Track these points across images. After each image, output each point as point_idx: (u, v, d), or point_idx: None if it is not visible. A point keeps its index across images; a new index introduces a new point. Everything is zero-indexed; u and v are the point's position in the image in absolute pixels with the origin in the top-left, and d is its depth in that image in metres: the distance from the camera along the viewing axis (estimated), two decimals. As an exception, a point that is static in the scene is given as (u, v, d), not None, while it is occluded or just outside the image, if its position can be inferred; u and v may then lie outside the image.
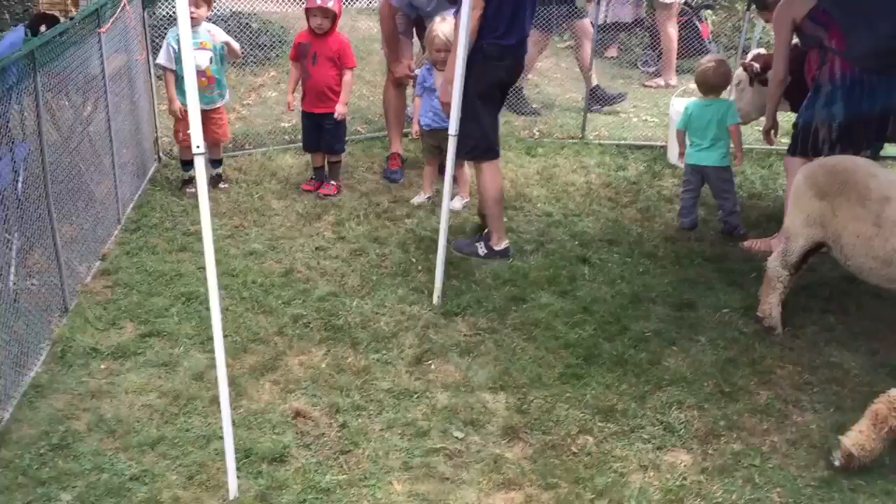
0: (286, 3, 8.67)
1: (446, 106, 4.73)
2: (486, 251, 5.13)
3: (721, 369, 4.13)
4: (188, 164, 5.75)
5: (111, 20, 5.01)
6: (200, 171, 2.81)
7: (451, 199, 5.79)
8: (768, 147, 7.03)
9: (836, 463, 3.44)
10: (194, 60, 5.57)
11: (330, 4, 5.64)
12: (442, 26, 5.50)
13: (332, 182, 6.00)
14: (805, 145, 4.97)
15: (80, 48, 4.55)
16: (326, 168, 6.05)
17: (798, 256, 4.31)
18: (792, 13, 4.95)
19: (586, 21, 8.18)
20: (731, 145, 5.62)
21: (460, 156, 4.77)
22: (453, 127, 4.39)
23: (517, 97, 7.90)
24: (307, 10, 5.72)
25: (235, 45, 5.84)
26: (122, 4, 5.26)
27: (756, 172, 6.85)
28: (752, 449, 3.58)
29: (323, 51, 5.70)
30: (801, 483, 3.40)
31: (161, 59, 5.66)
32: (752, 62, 5.90)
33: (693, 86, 7.33)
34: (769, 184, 6.62)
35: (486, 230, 5.22)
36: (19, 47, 3.77)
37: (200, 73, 5.59)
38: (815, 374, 4.14)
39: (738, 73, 6.08)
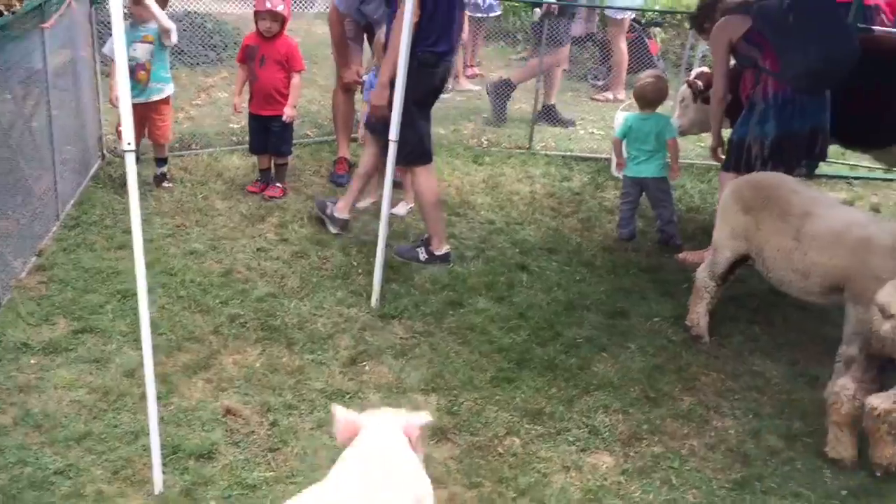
0: (241, 4, 8.69)
1: (375, 108, 4.85)
2: (426, 256, 5.21)
3: (648, 375, 4.25)
4: None
5: (55, 16, 4.99)
6: (131, 168, 2.83)
7: (396, 205, 5.90)
8: (708, 163, 7.24)
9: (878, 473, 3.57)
10: (135, 52, 5.56)
11: (279, 8, 5.68)
12: None
13: (278, 185, 6.02)
14: (738, 161, 5.13)
15: (22, 42, 4.52)
16: (273, 170, 6.08)
17: (724, 268, 4.46)
18: (728, 34, 5.12)
19: (567, 48, 8.37)
20: (668, 158, 5.78)
21: (398, 162, 4.84)
22: (394, 132, 4.46)
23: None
24: (256, 14, 5.75)
25: (166, 23, 5.67)
26: (67, 1, 5.23)
27: (695, 187, 7.03)
28: (671, 452, 3.70)
29: (270, 53, 5.74)
30: (716, 485, 3.52)
31: (106, 48, 5.67)
32: (696, 80, 6.09)
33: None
34: (707, 198, 6.80)
35: (426, 235, 5.30)
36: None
37: (140, 66, 5.59)
38: (737, 381, 4.28)
39: (682, 90, 6.26)
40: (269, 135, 5.94)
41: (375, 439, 2.43)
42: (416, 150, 5.04)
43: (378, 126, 5.04)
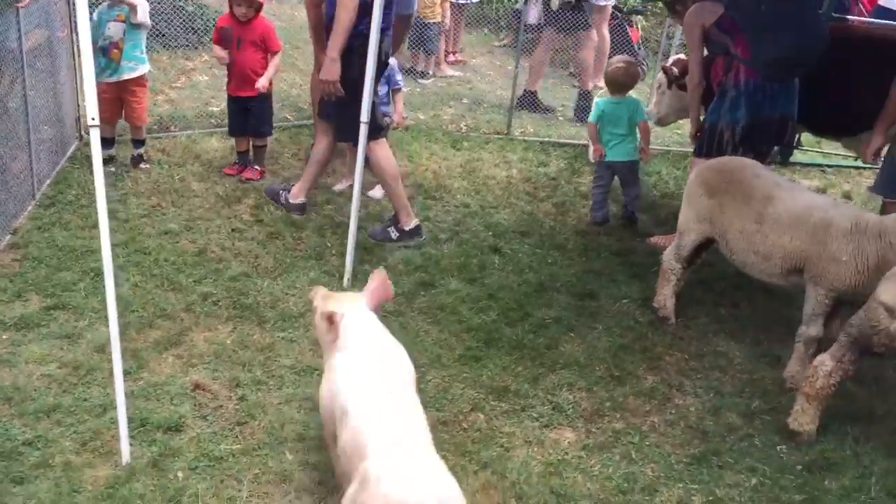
0: (221, -12, 8.65)
1: (325, 84, 4.91)
2: (398, 234, 5.29)
3: (614, 355, 4.33)
4: (107, 142, 5.80)
5: (31, -5, 5.00)
6: (95, 143, 2.87)
7: (372, 188, 5.96)
8: (685, 149, 7.32)
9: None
10: (109, 31, 5.59)
11: None
12: None
13: (257, 167, 6.06)
14: (710, 147, 5.20)
15: (-5, 21, 4.54)
16: (251, 153, 6.11)
17: (690, 251, 4.54)
18: (701, 20, 5.18)
19: (593, 32, 8.50)
20: (640, 141, 5.86)
21: (348, 139, 4.94)
22: (365, 114, 4.51)
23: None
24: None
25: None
26: (43, -21, 5.25)
27: (671, 173, 7.12)
28: (632, 428, 3.79)
29: (247, 35, 5.76)
30: (674, 459, 3.61)
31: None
32: (672, 66, 6.15)
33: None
34: (682, 184, 6.82)
35: (393, 213, 5.35)
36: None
37: (114, 44, 5.62)
38: (700, 361, 4.37)
39: (659, 76, 6.33)
40: (248, 116, 5.97)
41: (361, 328, 3.13)
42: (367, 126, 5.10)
43: (330, 111, 5.12)
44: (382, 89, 5.81)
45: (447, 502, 2.50)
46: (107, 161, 5.85)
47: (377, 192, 5.98)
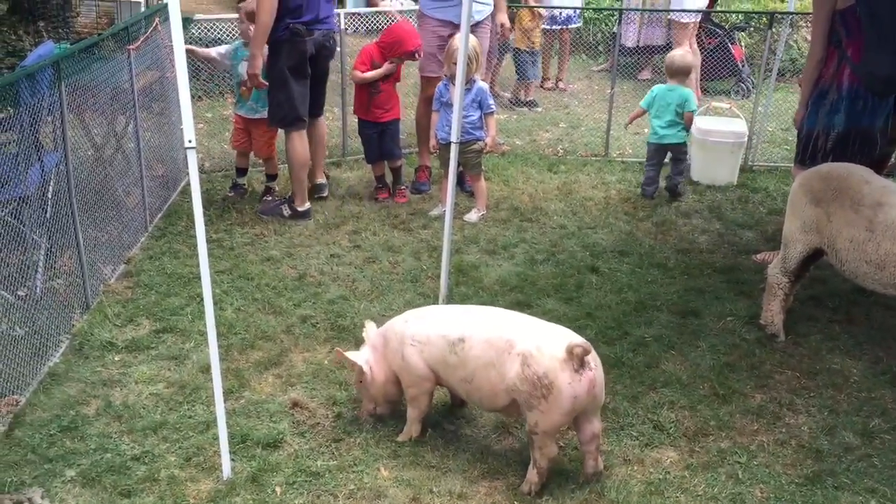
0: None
1: (251, 77, 5.39)
2: (290, 212, 5.71)
3: (718, 373, 4.16)
4: (241, 171, 6.31)
5: (142, 38, 5.31)
6: (192, 165, 2.98)
7: (468, 212, 5.99)
8: (790, 165, 7.03)
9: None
10: (241, 68, 6.07)
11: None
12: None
13: (403, 188, 6.37)
14: (804, 153, 5.01)
15: (109, 63, 4.83)
16: (391, 175, 6.40)
17: (797, 263, 4.33)
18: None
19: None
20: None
21: (272, 124, 5.65)
22: (455, 134, 4.53)
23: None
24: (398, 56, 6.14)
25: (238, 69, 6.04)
26: (154, 24, 5.56)
27: (778, 189, 6.85)
28: (739, 447, 3.61)
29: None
30: (785, 480, 3.41)
31: (213, 51, 6.12)
32: None
33: (717, 103, 7.43)
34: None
35: (290, 193, 5.76)
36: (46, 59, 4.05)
37: (243, 82, 5.93)
38: (813, 379, 4.14)
39: None
40: (383, 139, 6.26)
41: None
42: (289, 115, 5.56)
43: (274, 120, 5.71)
44: (475, 113, 5.86)
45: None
46: (233, 186, 6.26)
47: (472, 215, 6.00)
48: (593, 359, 3.20)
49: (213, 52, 6.16)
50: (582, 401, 3.14)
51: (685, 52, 6.64)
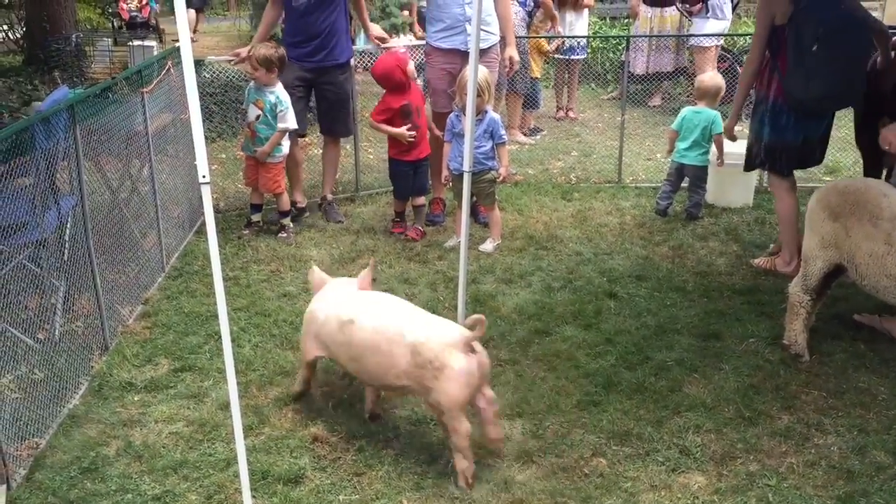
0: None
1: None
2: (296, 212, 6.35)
3: (743, 395, 4.09)
4: (255, 207, 6.34)
5: (156, 81, 5.37)
6: (207, 199, 2.99)
7: (483, 242, 5.98)
8: (810, 185, 7.00)
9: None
10: (248, 110, 6.16)
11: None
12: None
13: (419, 227, 6.32)
14: (745, 162, 5.44)
15: (122, 106, 4.88)
16: (414, 212, 6.41)
17: (818, 280, 4.28)
18: (774, 9, 4.94)
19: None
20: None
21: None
22: (467, 163, 4.53)
23: None
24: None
25: (283, 143, 6.14)
26: (166, 67, 5.63)
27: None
28: (768, 470, 3.54)
29: (417, 100, 6.23)
30: (817, 501, 3.34)
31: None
32: None
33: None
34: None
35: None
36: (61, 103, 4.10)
37: (249, 124, 6.04)
38: (840, 398, 4.07)
39: None
40: (417, 175, 6.28)
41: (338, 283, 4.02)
42: None
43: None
44: (487, 143, 5.88)
45: None
46: (248, 223, 6.30)
47: (487, 245, 5.99)
48: (477, 345, 3.42)
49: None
50: (475, 378, 3.37)
51: (714, 74, 6.81)
